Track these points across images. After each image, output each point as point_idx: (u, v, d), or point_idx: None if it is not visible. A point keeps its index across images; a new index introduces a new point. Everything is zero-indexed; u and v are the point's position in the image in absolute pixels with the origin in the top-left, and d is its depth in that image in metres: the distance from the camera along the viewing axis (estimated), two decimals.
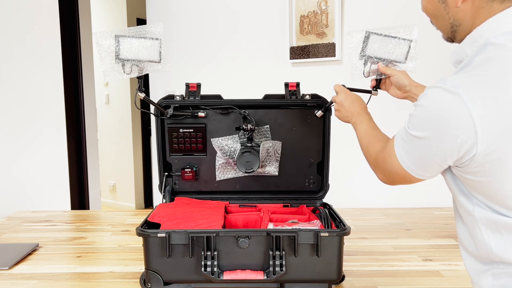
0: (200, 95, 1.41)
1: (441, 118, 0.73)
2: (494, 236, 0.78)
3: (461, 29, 0.85)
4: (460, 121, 0.71)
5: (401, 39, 1.21)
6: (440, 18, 0.87)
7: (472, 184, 0.78)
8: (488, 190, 0.76)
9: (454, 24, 0.85)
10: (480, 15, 0.81)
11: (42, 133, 2.55)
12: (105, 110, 4.74)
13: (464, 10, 0.82)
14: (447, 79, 0.75)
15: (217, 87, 2.11)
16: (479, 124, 0.70)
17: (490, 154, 0.72)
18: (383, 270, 1.30)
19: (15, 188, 2.51)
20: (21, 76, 2.49)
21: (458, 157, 0.75)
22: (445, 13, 0.85)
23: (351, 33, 1.24)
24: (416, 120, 0.78)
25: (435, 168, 0.80)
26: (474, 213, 0.80)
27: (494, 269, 0.80)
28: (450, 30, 0.87)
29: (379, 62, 1.23)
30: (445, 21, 0.86)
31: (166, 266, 1.11)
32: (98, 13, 4.61)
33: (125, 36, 1.22)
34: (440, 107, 0.73)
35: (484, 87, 0.72)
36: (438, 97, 0.74)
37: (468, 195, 0.81)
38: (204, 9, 2.69)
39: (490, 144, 0.71)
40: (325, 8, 2.34)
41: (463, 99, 0.71)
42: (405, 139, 0.81)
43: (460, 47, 0.84)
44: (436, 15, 0.88)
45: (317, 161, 1.46)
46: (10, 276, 1.26)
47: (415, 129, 0.78)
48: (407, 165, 0.82)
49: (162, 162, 1.46)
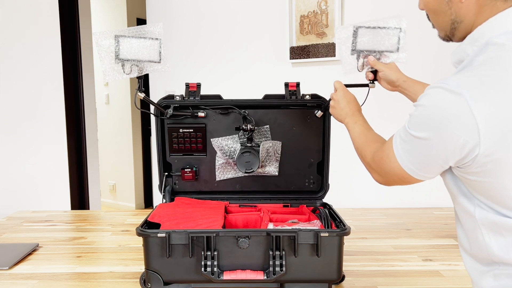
0: (200, 95, 1.41)
1: (443, 118, 0.72)
2: (496, 237, 0.77)
3: (462, 27, 0.84)
4: (463, 121, 0.71)
5: (389, 28, 1.21)
6: (441, 14, 0.86)
7: (473, 184, 0.78)
8: (489, 191, 0.76)
9: (455, 20, 0.84)
10: (483, 12, 0.80)
11: (42, 133, 2.55)
12: (105, 110, 4.74)
13: (467, 6, 0.81)
14: (448, 79, 0.74)
15: (217, 87, 2.11)
16: (482, 124, 0.70)
17: (492, 154, 0.71)
18: (383, 270, 1.30)
19: (15, 188, 2.51)
20: (21, 76, 2.49)
21: (460, 158, 0.74)
22: (447, 9, 0.84)
23: (339, 29, 1.24)
24: (417, 120, 0.77)
25: (436, 169, 0.80)
26: (475, 214, 0.79)
27: (495, 270, 0.80)
28: (450, 27, 0.86)
29: (370, 55, 1.23)
30: (446, 18, 0.85)
31: (166, 266, 1.11)
32: (98, 13, 4.61)
33: (125, 36, 1.22)
34: (442, 107, 0.73)
35: (486, 87, 0.71)
36: (440, 97, 0.73)
37: (469, 196, 0.80)
38: (204, 9, 2.69)
39: (493, 144, 0.71)
40: (325, 8, 2.34)
41: (465, 99, 0.70)
42: (406, 140, 0.81)
43: (461, 47, 0.83)
44: (438, 11, 0.86)
45: (317, 161, 1.46)
46: (10, 276, 1.26)
47: (416, 130, 0.77)
48: (407, 166, 0.81)
49: (162, 162, 1.46)
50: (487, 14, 0.79)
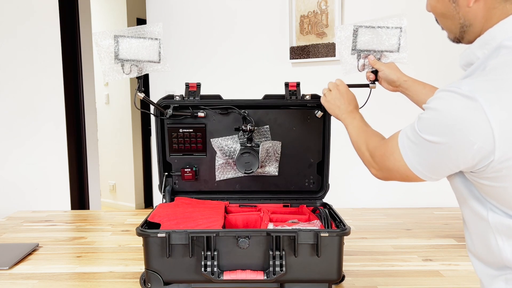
0: (200, 95, 1.41)
1: (458, 123, 0.70)
2: (509, 242, 0.76)
3: (471, 30, 0.82)
4: (478, 127, 0.69)
5: (389, 28, 1.20)
6: (450, 18, 0.84)
7: (486, 189, 0.76)
8: (503, 196, 0.74)
9: (464, 24, 0.82)
10: (493, 16, 0.78)
11: (42, 133, 2.55)
12: (105, 110, 4.74)
13: (475, 10, 0.80)
14: (460, 83, 0.73)
15: (217, 87, 2.11)
16: (497, 129, 0.68)
17: (508, 160, 0.69)
18: (383, 270, 1.30)
19: (15, 188, 2.51)
20: (21, 76, 2.49)
21: (473, 164, 0.73)
22: (455, 13, 0.82)
23: (339, 29, 1.23)
24: (428, 124, 0.75)
25: (445, 172, 0.79)
26: (488, 218, 0.78)
27: (507, 274, 0.79)
28: (459, 31, 0.84)
29: (370, 55, 1.23)
30: (454, 21, 0.84)
31: (166, 266, 1.11)
32: (98, 13, 4.61)
33: (125, 36, 1.21)
34: (456, 112, 0.71)
35: (501, 92, 0.70)
36: (454, 102, 0.71)
37: (482, 200, 0.78)
38: (204, 9, 2.69)
39: (508, 150, 0.69)
40: (325, 8, 2.34)
41: (480, 104, 0.68)
42: (415, 141, 0.79)
43: (470, 49, 0.82)
44: (445, 15, 0.85)
45: (317, 161, 1.46)
46: (10, 276, 1.26)
47: (428, 133, 0.75)
48: (414, 167, 0.80)
49: (162, 162, 1.46)
50: (497, 17, 0.78)
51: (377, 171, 0.92)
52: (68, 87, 2.74)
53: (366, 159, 0.97)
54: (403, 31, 1.20)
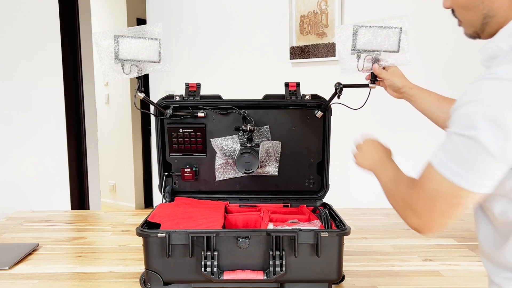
0: (199, 95, 1.41)
1: (502, 104, 0.65)
2: None
3: (494, 21, 0.79)
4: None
5: (390, 28, 1.20)
6: (473, 9, 0.81)
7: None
8: None
9: (487, 15, 0.79)
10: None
11: (42, 133, 2.56)
12: (105, 110, 4.75)
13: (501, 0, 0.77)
14: (493, 70, 0.68)
15: (217, 87, 2.11)
16: None
17: None
18: (383, 270, 1.30)
19: (15, 188, 2.51)
20: (21, 76, 2.49)
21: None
22: (479, 3, 0.80)
23: (339, 29, 1.23)
24: (470, 118, 0.68)
25: (495, 172, 0.69)
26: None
27: None
28: (481, 23, 0.81)
29: (375, 64, 1.22)
30: (477, 12, 0.80)
31: (166, 266, 1.11)
32: (98, 13, 4.61)
33: (124, 36, 1.21)
34: (498, 95, 0.66)
35: None
36: (493, 87, 0.67)
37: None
38: (204, 9, 2.69)
39: None
40: (325, 8, 2.34)
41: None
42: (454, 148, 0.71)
43: (493, 42, 0.78)
44: (469, 6, 0.81)
45: (317, 161, 1.46)
46: (10, 276, 1.26)
47: (470, 128, 0.67)
48: (456, 173, 0.70)
49: (162, 162, 1.46)
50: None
51: (415, 216, 0.79)
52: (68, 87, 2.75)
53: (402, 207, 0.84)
54: (403, 32, 1.20)
